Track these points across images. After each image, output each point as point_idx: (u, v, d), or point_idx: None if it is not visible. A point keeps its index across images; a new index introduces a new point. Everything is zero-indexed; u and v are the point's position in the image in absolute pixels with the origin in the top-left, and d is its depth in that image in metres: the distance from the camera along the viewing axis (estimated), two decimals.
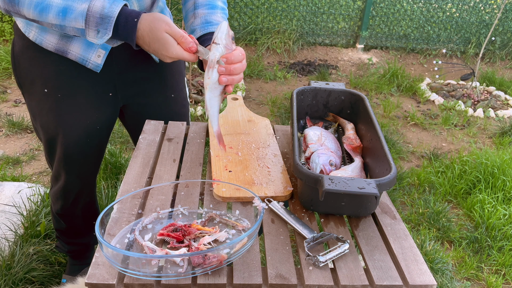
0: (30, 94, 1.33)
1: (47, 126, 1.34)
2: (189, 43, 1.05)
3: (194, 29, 1.23)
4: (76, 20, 1.03)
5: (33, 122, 1.40)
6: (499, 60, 5.29)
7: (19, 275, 1.75)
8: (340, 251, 0.88)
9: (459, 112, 3.96)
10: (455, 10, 5.24)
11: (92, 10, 1.02)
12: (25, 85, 1.33)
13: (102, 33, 1.04)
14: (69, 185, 1.47)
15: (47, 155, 1.44)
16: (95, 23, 1.03)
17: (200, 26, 1.22)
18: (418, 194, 2.73)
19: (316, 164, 1.08)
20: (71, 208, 1.55)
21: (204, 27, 1.21)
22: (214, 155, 1.18)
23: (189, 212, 0.99)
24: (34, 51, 1.26)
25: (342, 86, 1.35)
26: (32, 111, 1.36)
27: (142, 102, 1.41)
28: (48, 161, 1.47)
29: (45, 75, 1.27)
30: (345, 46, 5.27)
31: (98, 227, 0.83)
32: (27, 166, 2.68)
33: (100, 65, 1.26)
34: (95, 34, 1.04)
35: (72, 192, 1.50)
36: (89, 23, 1.03)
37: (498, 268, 2.20)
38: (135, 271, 0.78)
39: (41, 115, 1.33)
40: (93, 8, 1.02)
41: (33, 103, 1.34)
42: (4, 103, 3.40)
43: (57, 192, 1.50)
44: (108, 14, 1.02)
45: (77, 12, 1.02)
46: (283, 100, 3.86)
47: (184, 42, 1.05)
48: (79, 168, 1.43)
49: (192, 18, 1.26)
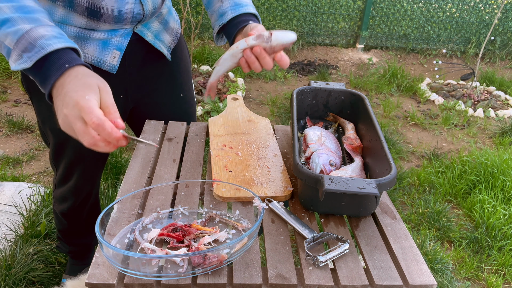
0: (39, 98, 1.31)
1: (58, 130, 1.32)
2: (93, 122, 0.77)
3: (224, 11, 1.19)
4: (8, 35, 0.85)
5: (40, 125, 1.39)
6: (499, 60, 5.29)
7: (19, 275, 1.75)
8: (340, 251, 0.88)
9: (459, 112, 3.96)
10: (455, 10, 5.24)
11: (30, 34, 0.84)
12: (35, 90, 1.31)
13: (24, 59, 0.84)
14: (79, 186, 1.48)
15: (54, 157, 1.43)
16: (23, 48, 0.84)
17: (231, 8, 1.18)
18: (418, 194, 2.73)
19: (316, 164, 1.08)
20: (78, 209, 1.56)
21: (235, 9, 1.18)
22: (214, 155, 1.18)
23: (189, 212, 0.99)
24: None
25: (342, 86, 1.35)
26: (41, 116, 1.34)
27: (151, 102, 1.41)
28: (54, 163, 1.47)
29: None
30: (345, 46, 5.27)
31: (98, 227, 0.83)
32: (27, 166, 2.68)
33: (116, 66, 1.24)
34: (16, 59, 0.85)
35: (82, 192, 1.52)
36: (18, 45, 0.84)
37: (498, 268, 2.20)
38: (135, 271, 0.78)
39: (51, 120, 1.32)
40: (33, 32, 0.84)
41: (42, 108, 1.32)
42: (4, 103, 3.40)
43: (65, 192, 1.51)
44: (42, 45, 0.83)
45: (15, 28, 0.85)
46: (283, 100, 3.86)
47: (86, 116, 0.78)
48: (89, 169, 1.45)
49: (218, 2, 1.23)
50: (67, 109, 0.79)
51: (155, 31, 1.31)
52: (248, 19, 1.18)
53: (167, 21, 1.36)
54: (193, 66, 4.11)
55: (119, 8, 1.14)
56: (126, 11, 1.16)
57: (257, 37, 1.01)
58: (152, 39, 1.30)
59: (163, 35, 1.35)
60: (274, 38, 1.00)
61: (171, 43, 1.39)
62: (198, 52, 4.31)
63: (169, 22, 1.37)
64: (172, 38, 1.39)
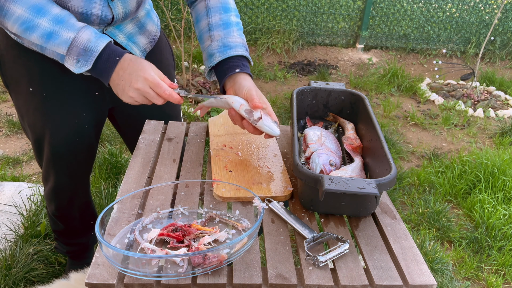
0: (16, 93, 1.31)
1: (34, 126, 1.32)
2: (165, 91, 1.05)
3: (213, 53, 1.21)
4: (59, 46, 1.04)
5: (21, 122, 1.38)
6: (499, 60, 5.29)
7: (19, 275, 1.75)
8: (340, 251, 0.88)
9: (459, 112, 3.96)
10: (455, 10, 5.24)
11: (77, 40, 1.03)
12: (11, 85, 1.32)
13: (82, 64, 1.05)
14: (60, 186, 1.44)
15: (36, 155, 1.41)
16: (77, 53, 1.04)
17: (219, 50, 1.20)
18: (418, 194, 2.73)
19: (316, 164, 1.08)
20: (66, 209, 1.53)
21: (223, 52, 1.19)
22: (214, 155, 1.18)
23: (189, 212, 0.99)
24: (18, 50, 1.24)
25: (342, 86, 1.35)
26: (20, 111, 1.34)
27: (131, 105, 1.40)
28: (38, 161, 1.44)
29: (30, 74, 1.26)
30: (345, 46, 5.27)
31: (98, 227, 0.83)
32: (27, 166, 2.68)
33: None
34: (74, 63, 1.05)
35: (65, 192, 1.47)
36: (71, 52, 1.04)
37: (498, 268, 2.20)
38: (135, 271, 0.78)
39: (28, 115, 1.31)
40: (78, 39, 1.03)
41: (19, 103, 1.32)
42: (4, 103, 3.40)
43: (49, 192, 1.47)
44: (92, 48, 1.03)
45: (62, 39, 1.03)
46: (283, 100, 3.87)
47: (159, 89, 1.06)
48: (69, 168, 1.40)
49: (208, 41, 1.24)
50: (137, 85, 1.04)
51: (129, 33, 1.31)
52: (236, 65, 1.19)
53: (144, 24, 1.36)
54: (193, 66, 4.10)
55: (86, 9, 1.15)
56: (94, 12, 1.16)
57: (249, 112, 1.10)
58: (124, 41, 1.30)
59: (138, 38, 1.34)
60: (260, 125, 1.08)
61: (147, 46, 1.39)
62: (198, 52, 4.30)
63: (147, 25, 1.37)
64: (149, 41, 1.39)
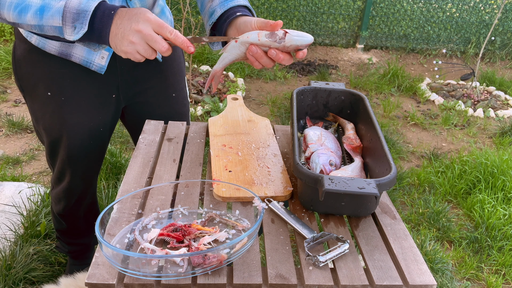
0: (32, 97, 1.32)
1: (50, 129, 1.34)
2: (171, 32, 0.97)
3: (214, 10, 1.17)
4: (53, 17, 1.00)
5: (34, 125, 1.40)
6: (499, 60, 5.29)
7: (19, 275, 1.75)
8: (340, 251, 0.88)
9: (459, 112, 3.96)
10: (455, 10, 5.24)
11: (69, 6, 0.99)
12: (27, 89, 1.32)
13: (78, 28, 0.99)
14: (73, 186, 1.47)
15: (49, 157, 1.44)
16: (71, 19, 0.99)
17: (219, 5, 1.16)
18: (418, 194, 2.73)
19: (316, 164, 1.08)
20: (73, 209, 1.56)
21: (223, 4, 1.15)
22: (214, 155, 1.18)
23: (189, 212, 0.99)
24: (37, 55, 1.25)
25: (342, 86, 1.35)
26: (35, 114, 1.36)
27: (143, 101, 1.42)
28: (50, 163, 1.47)
29: (49, 79, 1.27)
30: (345, 46, 5.27)
31: (98, 227, 0.83)
32: (27, 166, 2.68)
33: (104, 66, 1.26)
34: (72, 31, 1.00)
35: (75, 192, 1.51)
36: (66, 20, 0.99)
37: (498, 268, 2.20)
38: (135, 271, 0.78)
39: (44, 118, 1.33)
40: (70, 4, 0.99)
41: (35, 106, 1.33)
42: (4, 103, 3.40)
43: (60, 193, 1.51)
44: (84, 9, 0.98)
45: (54, 9, 0.99)
46: (283, 100, 3.86)
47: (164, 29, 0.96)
48: (82, 169, 1.44)
49: (209, 2, 1.20)
50: (139, 26, 0.95)
51: None
52: (237, 11, 1.13)
53: None
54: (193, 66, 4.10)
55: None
56: None
57: (271, 35, 0.96)
58: None
59: None
60: (288, 39, 0.95)
61: None
62: (198, 52, 4.30)
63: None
64: None
